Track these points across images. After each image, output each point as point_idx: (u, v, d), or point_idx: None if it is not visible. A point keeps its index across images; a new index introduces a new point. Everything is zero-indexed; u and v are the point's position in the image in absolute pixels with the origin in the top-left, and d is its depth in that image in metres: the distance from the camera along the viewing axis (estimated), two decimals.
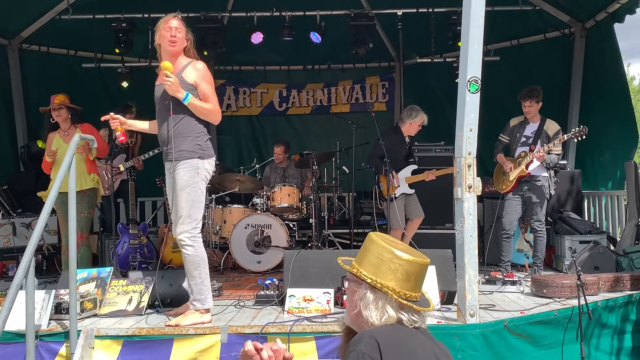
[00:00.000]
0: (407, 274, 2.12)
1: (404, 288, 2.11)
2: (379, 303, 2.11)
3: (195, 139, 4.34)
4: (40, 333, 4.06)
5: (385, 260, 2.13)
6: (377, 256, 2.15)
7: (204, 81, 4.36)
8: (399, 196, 6.49)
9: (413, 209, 6.62)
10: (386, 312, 2.09)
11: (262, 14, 8.46)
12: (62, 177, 3.94)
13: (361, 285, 2.16)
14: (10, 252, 6.98)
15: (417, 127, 6.58)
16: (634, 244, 6.36)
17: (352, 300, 2.19)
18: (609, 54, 7.64)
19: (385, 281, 2.10)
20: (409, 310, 2.12)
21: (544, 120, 6.20)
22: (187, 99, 4.23)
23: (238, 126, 10.83)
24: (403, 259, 2.12)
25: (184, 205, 4.30)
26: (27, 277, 3.53)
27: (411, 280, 2.13)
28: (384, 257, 2.13)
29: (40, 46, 8.66)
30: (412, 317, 2.13)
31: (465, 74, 4.11)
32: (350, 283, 2.23)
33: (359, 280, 2.16)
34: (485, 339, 4.11)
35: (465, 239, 4.13)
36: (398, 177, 6.46)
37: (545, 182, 6.14)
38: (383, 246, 2.16)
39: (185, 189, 4.29)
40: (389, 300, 2.10)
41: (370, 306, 2.11)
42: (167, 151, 4.36)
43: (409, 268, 2.13)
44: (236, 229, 6.90)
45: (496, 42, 8.73)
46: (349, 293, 2.24)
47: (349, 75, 10.71)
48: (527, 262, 6.72)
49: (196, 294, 4.32)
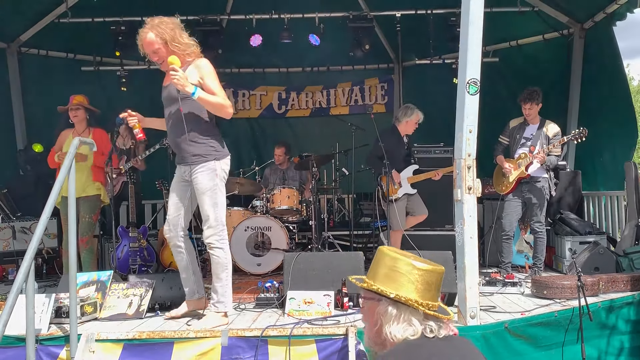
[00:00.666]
0: (428, 284, 2.09)
1: (425, 298, 2.06)
2: (403, 317, 2.05)
3: (208, 141, 4.35)
4: (40, 337, 4.05)
5: (403, 272, 2.08)
6: (393, 269, 2.09)
7: (209, 77, 4.25)
8: (401, 197, 6.48)
9: (416, 207, 6.60)
10: (412, 325, 2.04)
11: (261, 17, 8.46)
12: (62, 181, 3.94)
13: (381, 302, 2.09)
14: (10, 256, 6.97)
15: (413, 125, 6.57)
16: (634, 244, 6.35)
17: (373, 318, 2.11)
18: (608, 55, 7.64)
19: (408, 294, 2.05)
20: (433, 319, 2.07)
21: (544, 121, 6.21)
22: (196, 93, 4.13)
23: (237, 129, 10.80)
24: (422, 269, 2.09)
25: (208, 209, 4.31)
26: (27, 281, 3.53)
27: (432, 289, 2.09)
28: (401, 269, 2.08)
29: (39, 49, 8.65)
30: (437, 325, 2.07)
31: (465, 75, 4.11)
32: (368, 301, 2.15)
33: (379, 296, 2.09)
34: (486, 340, 4.11)
35: (465, 240, 4.13)
36: (399, 175, 6.45)
37: (545, 184, 6.14)
38: (399, 259, 2.11)
39: (206, 193, 4.30)
40: (413, 313, 2.05)
41: (394, 321, 2.05)
42: (182, 155, 4.38)
43: (428, 278, 2.09)
44: (236, 232, 6.90)
45: (495, 43, 8.74)
46: (367, 311, 2.16)
47: (348, 77, 10.71)
48: (527, 263, 6.73)
49: (220, 296, 4.38)
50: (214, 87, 4.23)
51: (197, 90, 4.15)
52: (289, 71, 10.67)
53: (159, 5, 8.47)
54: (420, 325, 2.04)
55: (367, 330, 2.17)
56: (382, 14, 8.77)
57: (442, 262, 4.85)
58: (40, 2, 8.06)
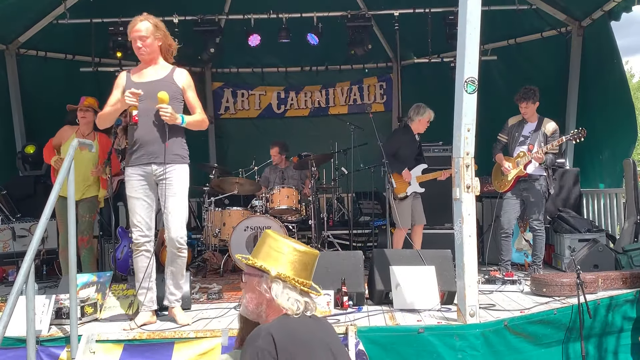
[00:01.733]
0: (304, 264, 2.38)
1: (301, 277, 2.36)
2: (282, 291, 2.32)
3: (184, 144, 4.45)
4: (41, 338, 4.06)
5: (284, 253, 2.36)
6: (275, 249, 2.36)
7: (191, 89, 4.44)
8: (410, 194, 6.50)
9: (417, 214, 6.62)
10: (289, 300, 2.31)
11: (259, 16, 8.47)
12: (61, 183, 3.94)
13: (262, 278, 2.34)
14: (9, 257, 6.97)
15: (425, 124, 6.62)
16: (633, 241, 6.37)
17: (254, 292, 2.37)
18: (606, 52, 7.65)
19: (286, 271, 2.33)
20: (307, 296, 2.37)
21: (542, 119, 6.21)
22: (185, 121, 4.31)
23: (236, 129, 10.84)
24: (301, 251, 2.38)
25: (182, 208, 4.37)
26: (27, 282, 3.53)
27: (307, 269, 2.40)
28: (282, 250, 2.36)
29: (38, 51, 8.65)
30: (310, 302, 2.38)
31: (462, 74, 4.11)
32: (250, 277, 2.39)
33: (261, 272, 2.34)
34: (486, 338, 4.11)
35: (464, 238, 4.14)
36: (410, 174, 6.48)
37: (543, 182, 6.15)
38: (281, 241, 2.40)
39: (181, 193, 4.37)
40: (291, 288, 2.33)
41: (273, 295, 2.31)
42: (156, 153, 4.30)
43: (305, 259, 2.39)
44: (235, 232, 6.91)
45: (493, 41, 8.75)
46: (248, 286, 2.39)
47: (346, 77, 10.73)
48: (527, 261, 6.74)
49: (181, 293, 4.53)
50: (195, 101, 4.46)
51: (185, 118, 4.32)
52: (288, 71, 10.69)
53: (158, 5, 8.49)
54: (295, 301, 2.31)
55: (245, 302, 2.40)
56: (380, 12, 8.77)
57: (441, 261, 4.95)
58: (39, 3, 8.06)
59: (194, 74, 10.44)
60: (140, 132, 4.33)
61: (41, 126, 8.21)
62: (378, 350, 4.04)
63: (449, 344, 4.04)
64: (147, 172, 4.34)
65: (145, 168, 4.33)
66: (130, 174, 4.35)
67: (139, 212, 4.33)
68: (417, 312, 4.56)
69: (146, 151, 4.32)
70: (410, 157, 6.64)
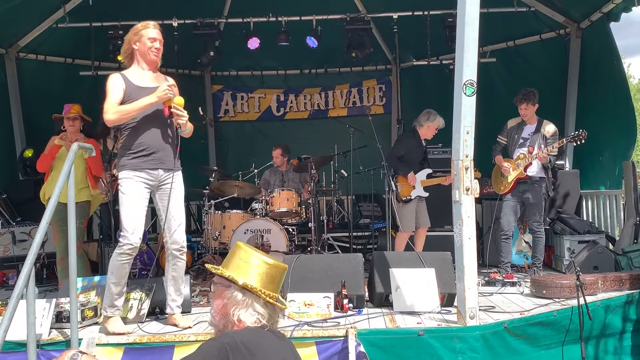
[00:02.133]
0: (272, 277, 2.40)
1: (268, 289, 2.37)
2: (248, 302, 2.34)
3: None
4: (41, 342, 4.06)
5: (253, 265, 2.38)
6: (245, 261, 2.39)
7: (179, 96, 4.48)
8: (414, 198, 6.52)
9: (421, 217, 6.64)
10: (255, 311, 2.35)
11: (259, 20, 8.48)
12: (62, 186, 3.95)
13: (230, 288, 2.37)
14: (10, 261, 6.97)
15: (434, 131, 6.65)
16: (632, 243, 6.37)
17: (221, 301, 2.39)
18: (605, 54, 7.66)
19: (254, 283, 2.35)
20: (271, 309, 2.38)
21: (541, 121, 6.23)
22: (188, 128, 4.42)
23: (236, 131, 10.85)
24: (269, 264, 2.40)
25: (183, 213, 4.46)
26: (27, 286, 3.54)
27: (274, 282, 2.41)
28: (251, 262, 2.39)
29: (38, 54, 8.65)
30: (274, 314, 2.40)
31: (461, 77, 4.12)
32: (218, 286, 2.43)
33: (229, 282, 2.37)
34: (486, 340, 4.12)
35: (463, 241, 4.14)
36: (415, 177, 6.50)
37: (543, 184, 6.17)
38: (251, 252, 2.42)
39: (182, 197, 4.47)
40: (257, 299, 2.35)
41: (239, 305, 2.34)
42: (164, 159, 4.34)
43: (273, 272, 2.40)
44: (235, 235, 6.91)
45: (492, 43, 8.76)
46: (217, 295, 2.42)
47: (346, 79, 10.74)
48: (527, 263, 6.74)
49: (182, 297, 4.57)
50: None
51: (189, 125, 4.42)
52: (287, 73, 10.70)
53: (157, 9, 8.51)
54: (260, 313, 2.35)
55: (213, 312, 2.44)
56: (379, 15, 8.78)
57: (441, 263, 4.95)
58: (38, 7, 8.07)
59: (194, 77, 10.55)
60: (148, 137, 4.31)
61: (41, 130, 8.20)
62: (378, 353, 4.04)
63: (449, 346, 4.05)
64: (154, 177, 4.33)
65: (152, 173, 4.32)
66: (134, 177, 4.28)
67: (139, 217, 4.29)
68: (417, 315, 4.57)
69: (154, 156, 4.32)
70: (415, 161, 6.66)
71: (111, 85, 4.34)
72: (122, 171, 4.32)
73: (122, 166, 4.32)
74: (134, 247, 4.25)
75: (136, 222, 4.27)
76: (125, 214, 4.24)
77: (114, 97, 4.28)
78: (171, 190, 4.34)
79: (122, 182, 4.30)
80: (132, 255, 4.27)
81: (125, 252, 4.23)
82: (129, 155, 4.31)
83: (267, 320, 2.36)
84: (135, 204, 4.26)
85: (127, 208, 4.25)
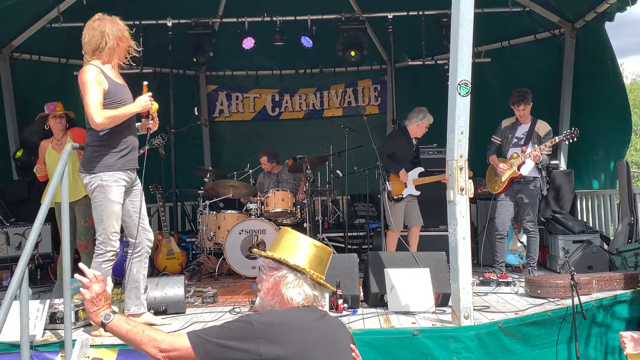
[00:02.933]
0: (320, 259, 2.46)
1: (316, 270, 2.43)
2: (298, 282, 2.39)
3: None
4: (35, 343, 4.04)
5: (302, 247, 2.44)
6: (293, 244, 2.45)
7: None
8: (405, 197, 6.52)
9: (413, 215, 6.64)
10: (303, 290, 2.38)
11: (253, 19, 8.48)
12: (55, 188, 3.93)
13: (280, 269, 2.42)
14: (4, 262, 6.93)
15: (423, 129, 6.64)
16: (626, 242, 6.39)
17: (270, 283, 2.43)
18: (600, 53, 7.68)
19: (303, 264, 2.41)
20: (320, 289, 2.44)
21: (535, 121, 6.24)
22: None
23: (231, 132, 10.83)
24: (317, 246, 2.47)
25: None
26: (21, 287, 3.52)
27: (322, 264, 2.47)
28: (300, 244, 2.45)
29: (32, 54, 8.63)
30: (321, 296, 2.46)
31: (456, 77, 4.13)
32: (267, 269, 2.46)
33: (279, 264, 2.42)
34: (480, 340, 4.12)
35: (458, 241, 4.15)
36: (407, 175, 6.50)
37: (537, 183, 6.17)
38: (299, 236, 2.49)
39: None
40: (306, 280, 2.40)
41: (290, 285, 2.39)
42: (135, 160, 4.34)
43: (321, 254, 2.47)
44: (230, 235, 6.90)
45: (487, 43, 8.77)
46: (266, 278, 2.45)
47: (341, 79, 10.73)
48: (521, 262, 6.75)
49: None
50: None
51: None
52: (282, 73, 10.67)
53: (151, 9, 8.50)
54: (308, 293, 2.39)
55: (262, 295, 2.46)
56: (374, 15, 8.78)
57: (435, 263, 4.95)
58: (32, 7, 8.04)
59: (189, 77, 10.53)
60: (130, 136, 4.29)
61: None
62: (373, 353, 4.04)
63: (444, 346, 4.05)
64: (131, 177, 4.31)
65: (130, 174, 4.29)
66: (118, 178, 4.18)
67: (119, 219, 4.25)
68: (412, 315, 4.57)
69: (132, 156, 4.29)
70: (405, 159, 6.65)
71: (91, 80, 4.09)
72: (105, 172, 4.14)
73: (109, 166, 4.14)
74: (116, 252, 4.24)
75: (118, 225, 4.24)
76: (109, 219, 4.14)
77: (97, 96, 4.07)
78: (141, 193, 4.40)
79: (106, 186, 4.12)
80: (115, 259, 4.27)
81: (109, 259, 4.21)
82: (113, 154, 4.17)
83: (314, 300, 2.42)
84: (117, 206, 4.18)
85: (112, 213, 4.15)
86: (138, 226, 4.33)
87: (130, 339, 2.36)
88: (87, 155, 4.21)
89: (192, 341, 2.22)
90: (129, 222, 4.36)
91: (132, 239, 4.37)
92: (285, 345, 2.19)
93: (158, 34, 8.49)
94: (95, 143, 4.17)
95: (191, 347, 2.21)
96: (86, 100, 4.07)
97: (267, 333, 2.19)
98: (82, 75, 4.13)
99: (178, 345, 2.24)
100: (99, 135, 4.16)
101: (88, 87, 4.07)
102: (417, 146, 6.84)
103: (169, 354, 2.25)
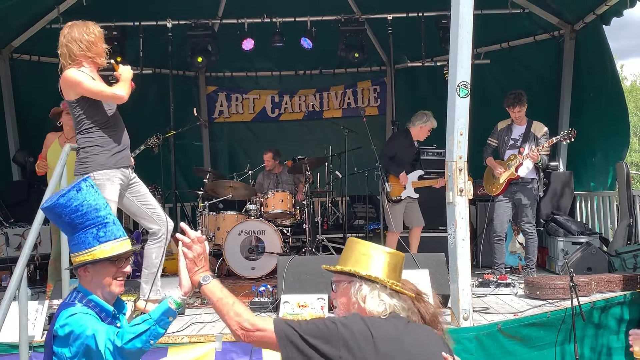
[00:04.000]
0: (394, 266, 2.35)
1: (391, 278, 2.32)
2: (375, 293, 2.29)
3: None
4: (34, 344, 4.04)
5: (373, 256, 2.34)
6: (363, 254, 2.35)
7: None
8: (404, 199, 6.52)
9: (414, 216, 6.64)
10: (381, 300, 2.28)
11: (253, 21, 8.48)
12: (54, 189, 3.93)
13: (353, 282, 2.33)
14: (3, 263, 6.93)
15: (426, 132, 6.66)
16: (625, 244, 6.39)
17: (345, 298, 2.35)
18: (599, 55, 7.69)
19: (377, 273, 2.30)
20: (398, 297, 2.32)
21: (531, 122, 6.25)
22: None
23: (231, 133, 10.84)
24: (389, 253, 2.37)
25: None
26: (20, 288, 3.52)
27: (396, 271, 2.36)
28: (370, 254, 2.34)
29: (32, 55, 8.63)
30: (403, 304, 2.32)
31: (455, 78, 4.13)
32: (340, 284, 2.38)
33: (353, 276, 2.32)
34: (479, 342, 4.13)
35: (457, 242, 4.15)
36: (407, 177, 6.50)
37: (534, 184, 6.18)
38: (367, 245, 2.38)
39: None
40: (383, 289, 2.29)
41: (368, 297, 2.29)
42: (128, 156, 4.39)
43: (394, 260, 2.36)
44: (230, 236, 6.89)
45: (486, 45, 8.78)
46: (340, 293, 2.38)
47: (340, 80, 10.73)
48: (520, 264, 6.75)
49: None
50: None
51: None
52: (282, 75, 10.67)
53: (151, 10, 8.50)
54: (387, 302, 2.29)
55: (337, 311, 2.40)
56: (373, 17, 8.79)
57: (435, 264, 4.94)
58: (32, 8, 8.04)
59: (188, 78, 10.53)
60: (121, 134, 4.33)
61: (35, 131, 8.18)
62: None
63: None
64: (126, 175, 4.35)
65: (125, 171, 4.32)
66: (112, 177, 4.19)
67: None
68: None
69: (125, 154, 4.33)
70: (406, 161, 6.66)
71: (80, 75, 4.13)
72: (98, 170, 4.14)
73: (101, 165, 4.15)
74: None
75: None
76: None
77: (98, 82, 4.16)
78: (141, 183, 4.47)
79: (100, 184, 4.07)
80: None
81: None
82: (104, 153, 4.18)
83: (395, 309, 2.30)
84: (114, 208, 4.19)
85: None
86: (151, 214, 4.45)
87: (218, 306, 2.36)
88: (79, 157, 4.26)
89: (276, 327, 2.19)
90: (140, 214, 4.44)
91: (149, 229, 4.50)
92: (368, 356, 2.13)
93: (158, 35, 8.50)
94: (86, 144, 4.21)
95: (274, 333, 2.18)
96: (94, 90, 4.11)
97: (349, 339, 2.14)
98: (68, 78, 4.13)
99: (261, 326, 2.22)
100: (89, 137, 4.20)
101: (84, 82, 4.10)
102: (418, 149, 6.86)
103: (249, 333, 2.24)
